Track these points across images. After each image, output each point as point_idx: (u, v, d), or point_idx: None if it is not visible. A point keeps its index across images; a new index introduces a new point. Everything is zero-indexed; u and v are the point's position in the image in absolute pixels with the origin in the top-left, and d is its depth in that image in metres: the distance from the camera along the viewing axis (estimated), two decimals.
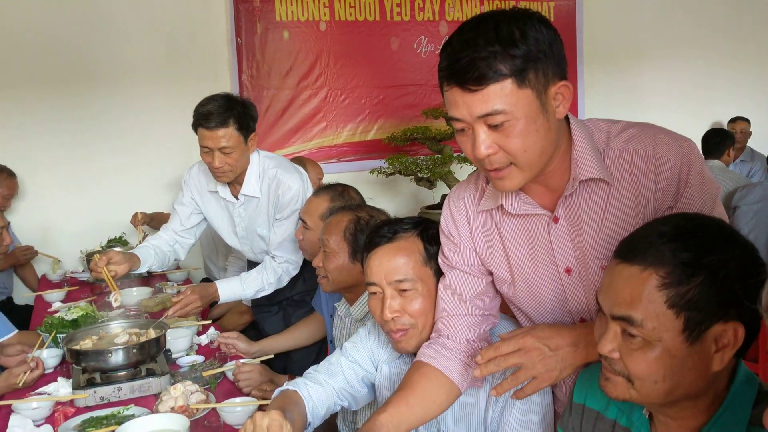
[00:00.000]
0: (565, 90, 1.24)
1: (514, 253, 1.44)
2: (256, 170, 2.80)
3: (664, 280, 1.02)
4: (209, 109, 2.61)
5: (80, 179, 4.48)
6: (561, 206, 1.35)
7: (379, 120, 5.06)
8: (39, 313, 3.26)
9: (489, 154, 1.22)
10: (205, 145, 2.65)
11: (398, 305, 1.61)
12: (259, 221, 2.87)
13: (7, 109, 4.27)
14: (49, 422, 2.01)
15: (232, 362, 2.33)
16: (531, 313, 1.50)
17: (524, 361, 1.31)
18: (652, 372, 1.05)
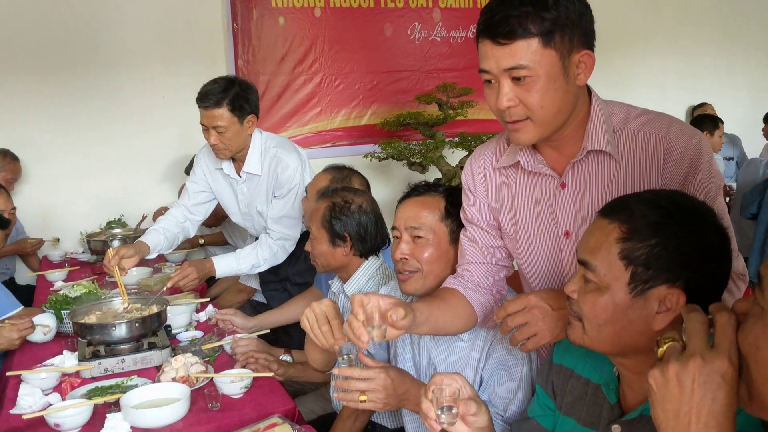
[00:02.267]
0: (587, 58, 1.36)
1: (521, 210, 1.57)
2: (258, 149, 2.94)
3: (623, 235, 1.14)
4: (207, 89, 2.79)
5: (80, 162, 4.56)
6: (569, 173, 1.47)
7: (373, 105, 5.15)
8: (41, 292, 3.36)
9: (509, 106, 1.35)
10: (202, 122, 2.83)
11: (409, 249, 1.78)
12: (260, 198, 3.00)
13: (7, 94, 4.35)
14: (56, 391, 2.12)
15: (229, 337, 2.45)
16: (527, 269, 1.63)
17: (529, 319, 1.44)
18: (597, 314, 1.17)
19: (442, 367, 1.82)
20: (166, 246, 3.03)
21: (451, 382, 1.28)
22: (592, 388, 1.33)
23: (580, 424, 1.33)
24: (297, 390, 2.57)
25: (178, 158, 4.66)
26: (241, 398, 2.05)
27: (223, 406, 1.98)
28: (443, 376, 1.30)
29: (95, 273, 3.58)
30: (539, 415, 1.46)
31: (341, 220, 2.22)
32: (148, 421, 1.85)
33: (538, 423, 1.45)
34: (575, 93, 1.39)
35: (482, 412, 1.30)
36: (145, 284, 3.19)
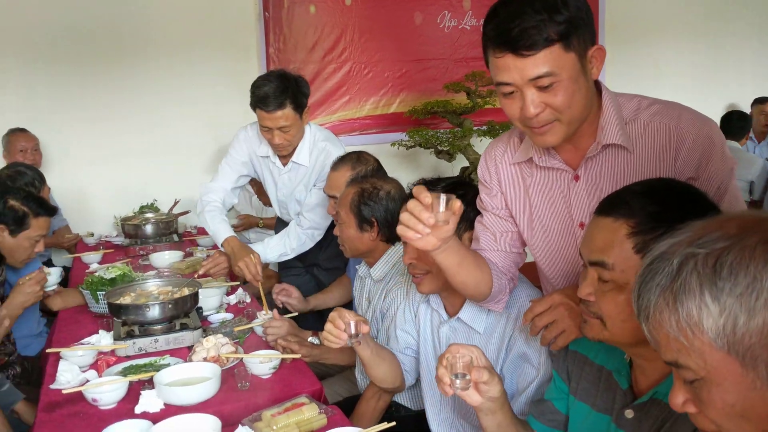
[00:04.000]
0: (599, 53, 1.39)
1: (536, 204, 1.60)
2: (308, 141, 2.99)
3: (633, 230, 1.17)
4: (266, 92, 2.77)
5: (113, 148, 4.68)
6: (583, 166, 1.50)
7: (401, 93, 5.18)
8: (77, 273, 3.47)
9: (538, 113, 1.36)
10: (264, 125, 2.84)
11: (416, 253, 1.82)
12: (300, 188, 3.07)
13: (42, 83, 4.47)
14: (93, 368, 2.21)
15: (258, 319, 2.51)
16: (544, 262, 1.66)
17: (555, 317, 1.49)
18: (620, 311, 1.19)
19: None
20: None
21: (466, 352, 1.34)
22: (605, 374, 1.36)
23: (594, 409, 1.37)
24: (324, 372, 2.63)
25: (208, 144, 4.76)
26: (269, 378, 2.11)
27: (252, 386, 2.04)
28: (459, 346, 1.35)
29: (129, 255, 3.68)
30: (554, 398, 1.50)
31: (369, 205, 2.27)
32: (180, 399, 1.92)
33: (552, 405, 1.49)
34: (592, 88, 1.42)
35: (495, 382, 1.35)
36: (177, 267, 3.28)
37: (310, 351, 2.29)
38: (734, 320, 0.77)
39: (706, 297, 0.79)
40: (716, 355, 0.80)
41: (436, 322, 1.96)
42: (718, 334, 0.79)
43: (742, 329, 0.77)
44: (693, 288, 0.80)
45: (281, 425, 1.72)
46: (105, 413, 1.91)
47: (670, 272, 0.82)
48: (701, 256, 0.80)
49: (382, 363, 1.98)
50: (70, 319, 2.74)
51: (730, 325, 0.78)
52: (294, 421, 1.75)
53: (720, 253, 0.78)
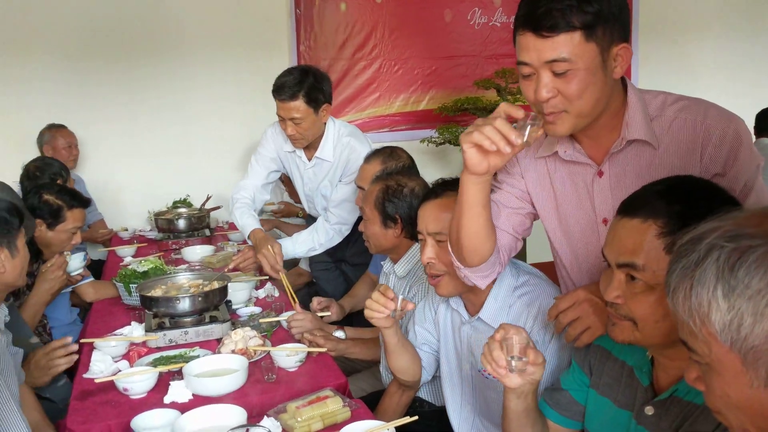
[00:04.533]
0: (625, 52, 1.38)
1: (561, 198, 1.60)
2: (332, 137, 3.03)
3: (662, 230, 1.17)
4: (283, 82, 2.84)
5: (147, 144, 4.78)
6: (607, 162, 1.49)
7: (431, 90, 5.18)
8: (111, 267, 3.56)
9: (549, 97, 1.36)
10: (279, 114, 2.91)
11: (434, 253, 1.82)
12: (325, 183, 3.10)
13: (77, 80, 4.58)
14: (125, 359, 2.27)
15: (286, 313, 2.55)
16: (567, 257, 1.66)
17: (580, 313, 1.48)
18: (653, 312, 1.19)
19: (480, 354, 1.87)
20: None
21: (518, 332, 1.35)
22: (627, 370, 1.37)
23: (616, 405, 1.37)
24: (349, 368, 2.65)
25: (240, 140, 4.82)
26: (295, 371, 2.15)
27: (278, 378, 2.08)
28: (510, 326, 1.36)
29: (161, 249, 3.76)
30: (573, 389, 1.50)
31: (393, 202, 2.28)
32: (209, 390, 1.96)
33: (570, 395, 1.50)
34: (612, 86, 1.41)
35: (542, 365, 1.35)
36: (208, 261, 3.34)
37: (335, 345, 2.32)
38: (740, 320, 0.78)
39: (718, 292, 0.80)
40: (720, 348, 0.81)
41: (457, 322, 1.97)
42: (723, 329, 0.79)
43: (747, 330, 0.78)
44: (709, 280, 0.81)
45: (305, 417, 1.76)
46: (135, 402, 1.97)
47: (696, 259, 0.83)
48: (726, 250, 0.80)
49: (405, 353, 2.00)
50: (103, 311, 2.81)
51: (735, 323, 0.78)
52: (318, 413, 1.79)
53: (744, 251, 0.79)
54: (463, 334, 1.95)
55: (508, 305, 1.83)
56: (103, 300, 2.95)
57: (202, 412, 1.80)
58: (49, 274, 2.63)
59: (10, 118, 4.50)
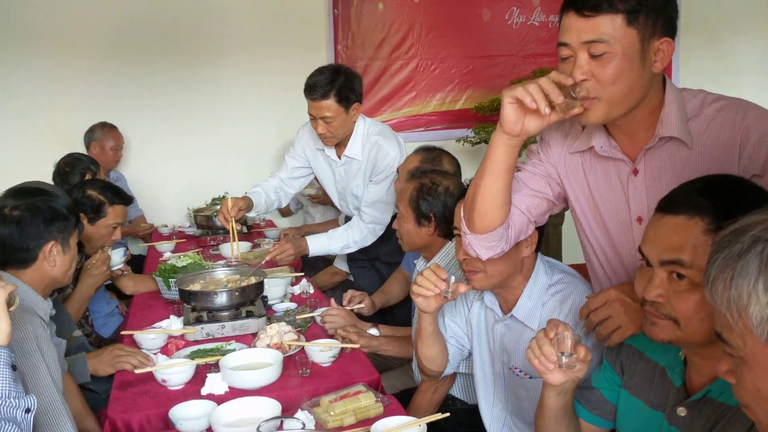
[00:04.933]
0: (667, 46, 1.37)
1: (596, 195, 1.59)
2: (360, 135, 3.06)
3: (708, 226, 1.16)
4: (314, 81, 2.89)
5: (187, 143, 4.87)
6: (642, 159, 1.48)
7: (468, 90, 5.17)
8: (151, 261, 3.64)
9: (583, 79, 1.35)
10: (310, 113, 2.95)
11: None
12: (356, 182, 3.13)
13: (122, 82, 4.70)
14: (163, 351, 2.33)
15: (320, 309, 2.58)
16: (600, 253, 1.64)
17: (610, 313, 1.48)
18: (697, 311, 1.17)
19: (513, 352, 1.88)
20: (263, 208, 3.23)
21: (567, 328, 1.35)
22: (659, 371, 1.35)
23: (647, 405, 1.36)
24: (382, 365, 2.67)
25: (277, 138, 4.88)
26: (329, 367, 2.17)
27: (312, 373, 2.12)
28: (559, 322, 1.37)
29: (200, 245, 3.83)
30: (604, 388, 1.49)
31: (428, 200, 2.29)
32: (244, 382, 2.00)
33: (601, 394, 1.49)
34: (649, 79, 1.39)
35: (589, 362, 1.36)
36: (245, 258, 3.39)
37: (368, 342, 2.34)
38: None
39: (759, 285, 0.79)
40: (755, 342, 0.81)
41: (491, 320, 1.97)
42: (761, 323, 0.79)
43: None
44: (751, 272, 0.80)
45: (338, 411, 1.78)
46: (173, 393, 2.02)
47: (739, 250, 0.82)
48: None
49: (437, 343, 2.00)
50: (143, 304, 2.88)
51: None
52: (351, 408, 1.81)
53: None
54: (496, 332, 1.95)
55: (541, 303, 1.84)
56: (143, 294, 3.02)
57: (238, 404, 1.83)
58: (94, 269, 2.70)
59: (60, 116, 4.62)
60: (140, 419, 1.91)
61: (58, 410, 1.83)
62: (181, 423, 1.77)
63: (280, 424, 1.72)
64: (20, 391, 1.37)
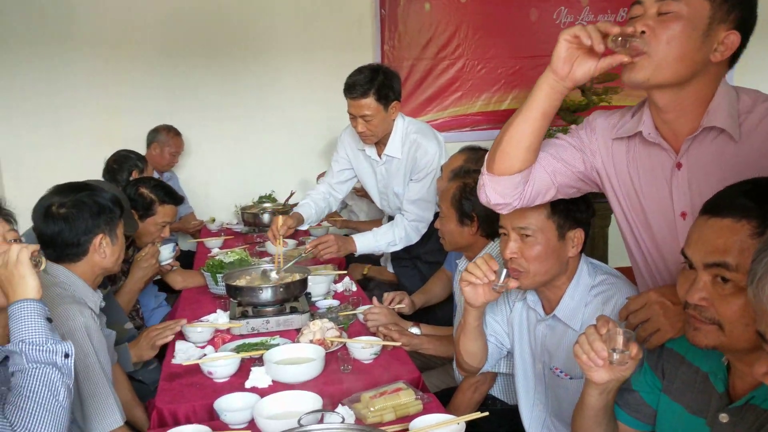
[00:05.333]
0: (732, 40, 1.36)
1: (638, 185, 1.57)
2: (399, 134, 3.09)
3: (756, 229, 1.14)
4: (354, 81, 2.94)
5: (236, 141, 4.98)
6: (686, 153, 1.45)
7: (514, 90, 5.15)
8: (200, 257, 3.73)
9: (642, 29, 1.34)
10: (350, 112, 2.99)
11: (517, 248, 1.80)
12: (397, 180, 3.15)
13: (174, 85, 4.84)
14: (210, 344, 2.39)
15: (362, 307, 2.61)
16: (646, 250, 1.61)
17: (650, 315, 1.46)
18: (743, 315, 1.15)
19: (555, 352, 1.87)
20: (315, 218, 3.31)
21: (617, 325, 1.34)
22: (701, 376, 1.33)
23: (688, 411, 1.34)
24: (423, 364, 2.68)
25: (323, 138, 4.94)
26: (370, 364, 2.20)
27: (353, 369, 2.15)
28: (609, 319, 1.36)
29: (247, 242, 3.90)
30: (644, 391, 1.47)
31: (471, 200, 2.30)
32: (287, 377, 2.04)
33: (641, 397, 1.47)
34: (704, 60, 1.37)
35: (638, 361, 1.35)
36: (290, 255, 3.43)
37: (410, 340, 2.36)
38: None
39: None
40: None
41: (533, 321, 1.97)
42: None
43: None
44: None
45: (378, 407, 1.80)
46: (218, 385, 2.07)
47: None
48: None
49: (479, 339, 2.01)
50: (191, 299, 2.96)
51: None
52: (391, 404, 1.83)
53: None
54: (537, 332, 1.95)
55: (584, 303, 1.83)
56: (191, 288, 3.10)
57: (281, 398, 1.87)
58: (143, 262, 2.79)
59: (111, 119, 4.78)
60: (186, 410, 1.97)
61: (108, 398, 1.90)
62: (225, 414, 1.82)
63: (320, 417, 1.75)
64: (57, 338, 1.46)
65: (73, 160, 4.50)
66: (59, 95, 4.69)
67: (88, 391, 1.88)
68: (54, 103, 4.69)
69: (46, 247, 2.04)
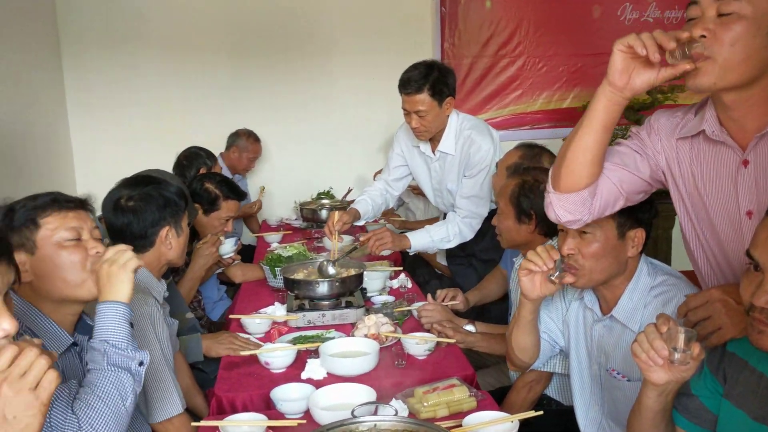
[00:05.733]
0: None
1: (701, 184, 1.52)
2: (453, 130, 3.09)
3: None
4: (409, 76, 2.95)
5: (295, 139, 5.06)
6: (753, 148, 1.40)
7: (576, 88, 5.07)
8: (260, 251, 3.82)
9: (703, 33, 1.29)
10: (404, 108, 3.01)
11: (575, 244, 1.77)
12: (450, 177, 3.15)
13: (237, 84, 4.96)
14: (267, 336, 2.44)
15: (417, 303, 2.62)
16: (708, 248, 1.57)
17: (711, 313, 1.41)
18: None
19: (612, 354, 1.84)
20: (371, 214, 3.35)
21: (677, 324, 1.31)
22: (765, 381, 1.29)
23: (750, 417, 1.30)
24: (477, 362, 2.68)
25: (381, 136, 4.97)
26: (424, 359, 2.21)
27: (407, 365, 2.16)
28: (670, 317, 1.34)
29: (305, 237, 3.97)
30: (704, 395, 1.43)
31: (529, 198, 2.27)
32: (342, 369, 2.07)
33: (701, 402, 1.43)
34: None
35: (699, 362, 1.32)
36: (345, 250, 3.47)
37: (464, 338, 2.35)
38: None
39: None
40: None
41: (590, 321, 1.94)
42: None
43: None
44: None
45: (431, 403, 1.81)
46: (275, 376, 2.12)
47: None
48: None
49: (533, 334, 1.98)
50: (251, 291, 3.03)
51: None
52: (444, 400, 1.83)
53: None
54: (594, 332, 1.92)
55: (643, 304, 1.79)
56: (251, 281, 3.17)
57: (335, 389, 1.90)
58: (204, 250, 2.86)
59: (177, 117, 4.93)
60: (243, 398, 2.02)
61: (169, 385, 1.96)
62: (281, 404, 1.86)
63: (374, 409, 1.77)
64: (135, 345, 1.53)
65: (142, 156, 4.59)
66: (131, 94, 4.87)
67: (150, 378, 1.95)
68: (126, 102, 4.87)
69: (115, 238, 2.12)
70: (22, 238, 1.58)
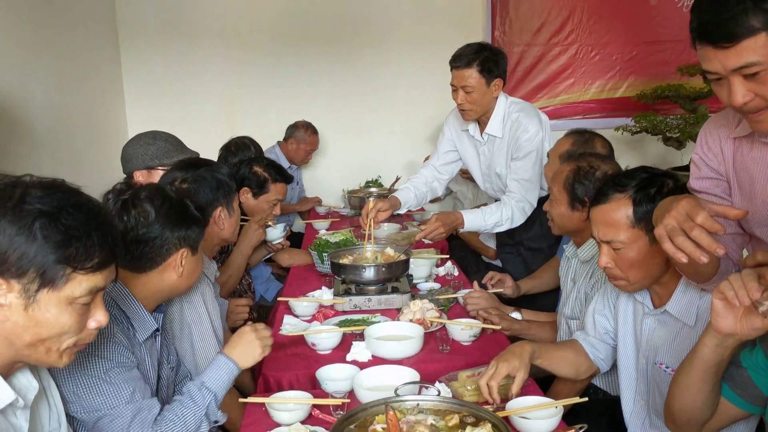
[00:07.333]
0: None
1: (758, 183, 1.48)
2: (501, 112, 3.07)
3: None
4: (461, 52, 2.98)
5: (344, 128, 5.11)
6: None
7: (630, 77, 4.97)
8: (308, 237, 3.87)
9: (746, 101, 1.26)
10: (452, 83, 3.01)
11: (610, 259, 1.73)
12: (499, 160, 3.13)
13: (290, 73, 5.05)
14: (314, 318, 2.48)
15: (463, 291, 2.62)
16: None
17: None
18: None
19: (662, 348, 1.79)
20: (415, 203, 3.30)
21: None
22: None
23: None
24: None
25: (430, 124, 4.96)
26: (469, 345, 2.21)
27: (452, 350, 2.17)
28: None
29: (353, 225, 3.99)
30: (753, 369, 1.39)
31: (584, 184, 2.23)
32: (386, 352, 2.09)
33: (748, 375, 1.38)
34: None
35: None
36: (393, 238, 3.50)
37: (510, 325, 2.34)
38: None
39: None
40: None
41: (639, 314, 1.89)
42: None
43: None
44: None
45: (475, 387, 1.81)
46: (321, 357, 2.15)
47: None
48: None
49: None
50: (299, 275, 3.08)
51: None
52: None
53: None
54: (644, 326, 1.87)
55: (698, 296, 1.74)
56: (299, 266, 3.22)
57: (379, 371, 1.92)
58: (250, 229, 2.90)
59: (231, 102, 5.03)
60: (290, 377, 2.06)
61: None
62: (326, 383, 1.89)
63: (418, 389, 1.78)
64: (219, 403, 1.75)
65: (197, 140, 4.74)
66: (188, 81, 5.03)
67: (202, 353, 2.01)
68: (183, 88, 5.03)
69: None
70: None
